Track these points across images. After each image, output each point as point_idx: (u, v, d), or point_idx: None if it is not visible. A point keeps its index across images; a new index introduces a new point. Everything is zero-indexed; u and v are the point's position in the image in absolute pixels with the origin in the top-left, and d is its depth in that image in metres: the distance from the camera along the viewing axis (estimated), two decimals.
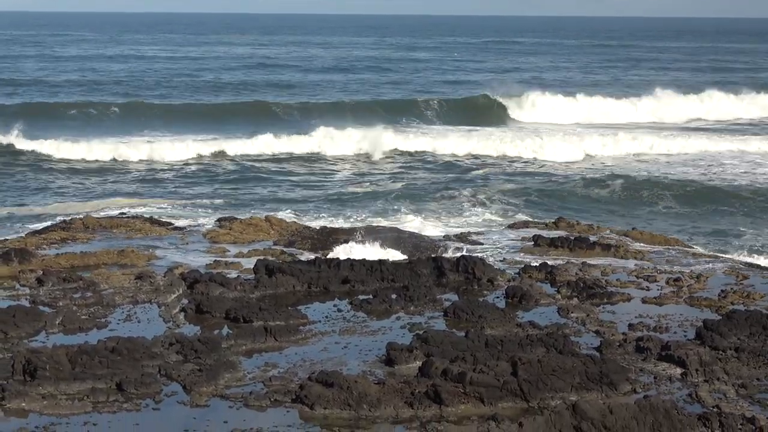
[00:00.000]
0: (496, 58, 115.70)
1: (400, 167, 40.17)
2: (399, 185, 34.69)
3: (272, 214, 25.06)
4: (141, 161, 39.69)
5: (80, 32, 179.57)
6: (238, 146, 42.38)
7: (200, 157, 40.61)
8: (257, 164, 40.12)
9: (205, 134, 46.79)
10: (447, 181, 35.93)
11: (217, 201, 31.30)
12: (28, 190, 33.63)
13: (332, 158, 41.67)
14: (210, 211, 28.70)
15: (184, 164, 39.40)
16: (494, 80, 73.11)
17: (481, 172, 38.61)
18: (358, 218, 27.27)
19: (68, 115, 52.36)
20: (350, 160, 41.21)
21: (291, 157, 41.72)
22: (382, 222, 25.58)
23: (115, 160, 39.86)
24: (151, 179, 36.50)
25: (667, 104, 63.36)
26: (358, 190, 34.16)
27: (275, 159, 41.40)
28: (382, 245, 20.06)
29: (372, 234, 21.08)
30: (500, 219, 27.67)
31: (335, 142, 43.57)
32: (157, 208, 29.04)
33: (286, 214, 26.78)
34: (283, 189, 34.64)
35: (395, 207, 29.40)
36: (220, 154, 41.10)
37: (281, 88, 69.91)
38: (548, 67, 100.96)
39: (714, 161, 42.65)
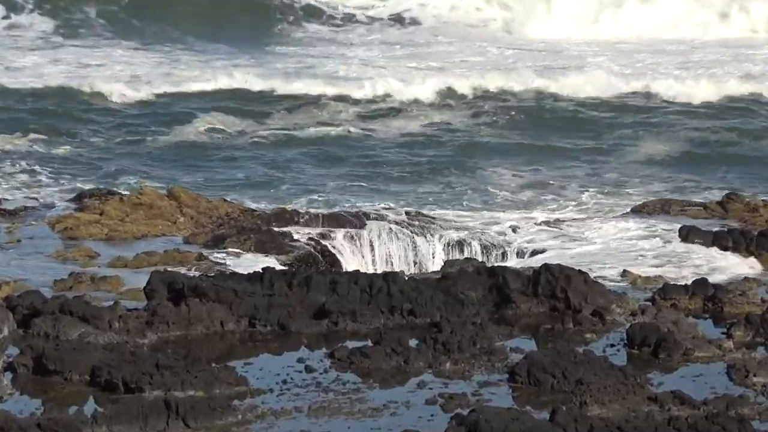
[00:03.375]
0: None
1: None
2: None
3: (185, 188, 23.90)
4: None
5: None
6: (143, 69, 41.17)
7: (61, 82, 39.08)
8: (171, 101, 38.48)
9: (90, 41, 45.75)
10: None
11: (81, 165, 30.48)
12: None
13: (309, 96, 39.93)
14: (66, 182, 28.08)
15: (29, 93, 37.79)
16: None
17: None
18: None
19: None
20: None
21: (231, 95, 39.98)
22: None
23: None
24: None
25: None
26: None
27: (202, 95, 39.56)
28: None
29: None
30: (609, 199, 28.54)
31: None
32: None
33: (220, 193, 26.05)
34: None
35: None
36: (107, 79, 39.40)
37: None
38: None
39: None
